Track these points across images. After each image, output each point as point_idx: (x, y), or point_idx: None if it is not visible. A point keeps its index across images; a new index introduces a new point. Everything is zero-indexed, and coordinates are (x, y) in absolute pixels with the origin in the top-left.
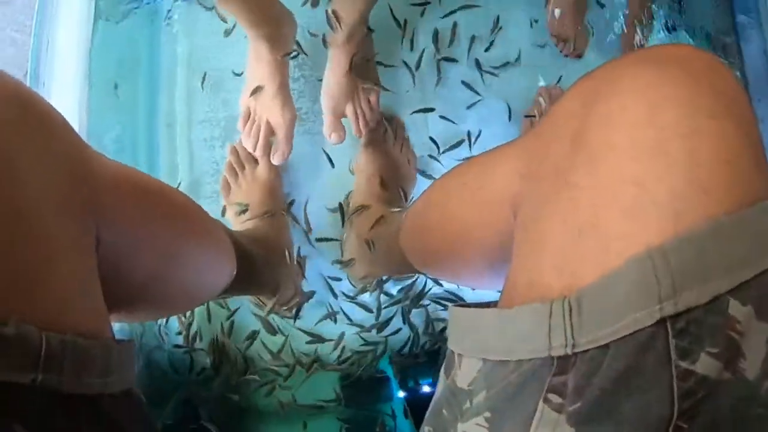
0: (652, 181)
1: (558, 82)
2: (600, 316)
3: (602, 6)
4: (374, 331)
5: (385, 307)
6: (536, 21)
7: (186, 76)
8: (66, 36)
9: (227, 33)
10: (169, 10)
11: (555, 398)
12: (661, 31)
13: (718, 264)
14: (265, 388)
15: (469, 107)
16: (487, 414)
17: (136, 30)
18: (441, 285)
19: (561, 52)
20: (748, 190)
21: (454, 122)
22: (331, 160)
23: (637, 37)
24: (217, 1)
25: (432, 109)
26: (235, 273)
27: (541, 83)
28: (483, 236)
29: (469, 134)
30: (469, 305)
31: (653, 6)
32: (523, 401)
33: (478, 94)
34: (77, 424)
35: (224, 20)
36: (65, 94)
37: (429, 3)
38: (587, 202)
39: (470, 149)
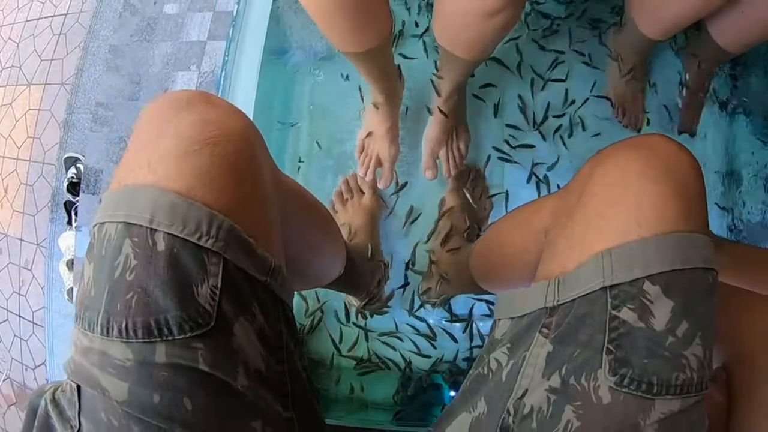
0: (612, 218)
1: None
2: (573, 286)
3: (655, 85)
4: (436, 343)
5: (447, 321)
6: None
7: (309, 117)
8: (243, 76)
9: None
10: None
11: (545, 330)
12: (717, 108)
13: (640, 262)
14: (335, 375)
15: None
16: (508, 345)
17: (288, 75)
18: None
19: (622, 124)
20: (670, 226)
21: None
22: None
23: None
24: (345, 56)
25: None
26: (343, 270)
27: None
28: (527, 257)
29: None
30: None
31: (712, 85)
32: (528, 335)
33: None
34: (277, 317)
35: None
36: None
37: (564, 81)
38: (578, 228)
39: (538, 194)
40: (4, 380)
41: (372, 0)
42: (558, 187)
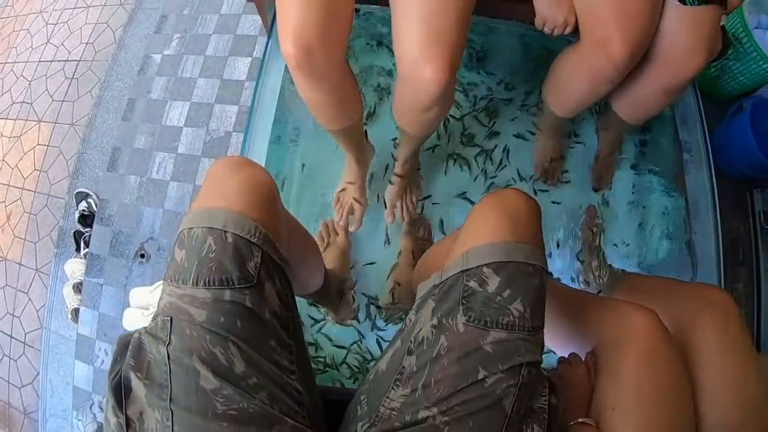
0: (471, 235)
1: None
2: (448, 272)
3: (576, 149)
4: None
5: None
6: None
7: (301, 175)
8: (258, 142)
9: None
10: (296, 137)
11: (433, 296)
12: (629, 168)
13: (481, 256)
14: None
15: None
16: (415, 309)
17: (284, 142)
18: None
19: (545, 184)
20: (500, 238)
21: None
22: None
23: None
24: (327, 130)
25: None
26: (321, 285)
27: None
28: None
29: None
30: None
31: (623, 149)
32: (425, 301)
33: None
34: (286, 286)
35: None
36: None
37: (498, 148)
38: (460, 243)
39: None
40: None
41: (348, 98)
42: None
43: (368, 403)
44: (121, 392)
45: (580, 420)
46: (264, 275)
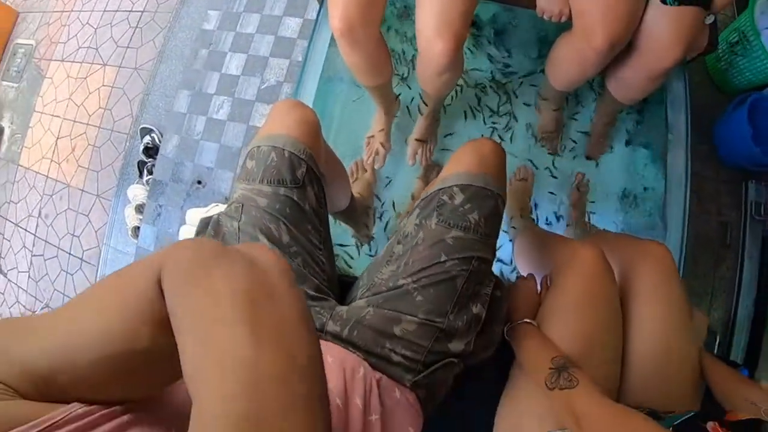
0: (450, 169)
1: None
2: (430, 191)
3: (577, 120)
4: None
5: None
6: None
7: (340, 122)
8: (307, 91)
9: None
10: (337, 90)
11: (419, 207)
12: (623, 143)
13: (452, 180)
14: None
15: None
16: (407, 218)
17: (327, 92)
18: None
19: (547, 150)
20: (466, 169)
21: None
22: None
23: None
24: (362, 87)
25: None
26: (347, 205)
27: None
28: None
29: None
30: None
31: (616, 124)
32: (414, 211)
33: None
34: (322, 191)
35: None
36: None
37: (507, 114)
38: (443, 173)
39: None
40: (42, 309)
41: (381, 62)
42: None
43: (367, 277)
44: None
45: (525, 320)
46: (307, 181)
